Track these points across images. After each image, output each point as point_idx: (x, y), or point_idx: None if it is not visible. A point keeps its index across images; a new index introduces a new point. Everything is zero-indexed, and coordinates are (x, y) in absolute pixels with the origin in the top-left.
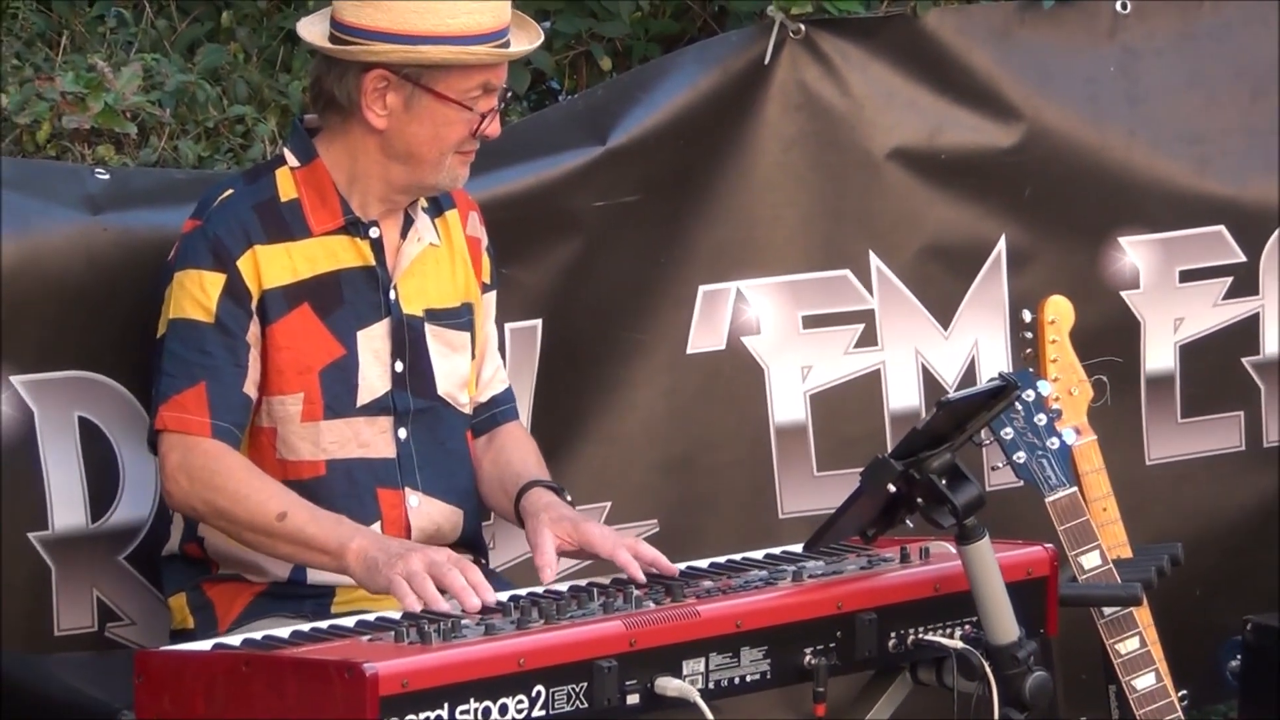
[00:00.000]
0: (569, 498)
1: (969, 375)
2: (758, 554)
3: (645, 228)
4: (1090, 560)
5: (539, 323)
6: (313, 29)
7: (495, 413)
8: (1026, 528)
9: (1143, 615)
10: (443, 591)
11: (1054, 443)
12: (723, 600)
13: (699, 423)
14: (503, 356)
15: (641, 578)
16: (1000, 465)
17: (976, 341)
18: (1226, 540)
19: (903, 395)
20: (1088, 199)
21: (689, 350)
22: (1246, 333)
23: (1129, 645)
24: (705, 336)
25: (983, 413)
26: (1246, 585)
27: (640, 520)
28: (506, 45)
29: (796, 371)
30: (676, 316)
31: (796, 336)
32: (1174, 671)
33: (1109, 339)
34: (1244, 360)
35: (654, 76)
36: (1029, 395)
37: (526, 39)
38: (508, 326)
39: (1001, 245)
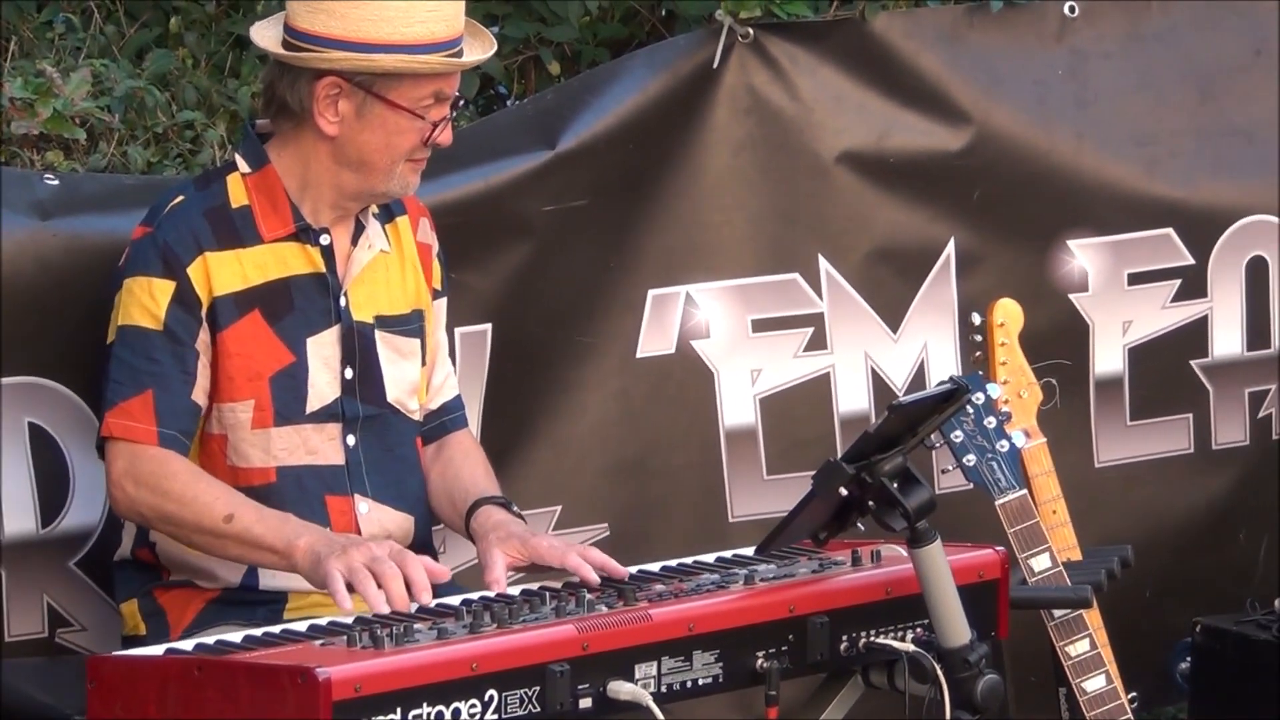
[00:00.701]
0: (516, 509)
1: (918, 378)
2: (709, 557)
3: (594, 232)
4: (1040, 563)
5: (489, 327)
6: (266, 34)
7: (445, 420)
8: (977, 530)
9: (1093, 618)
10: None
11: (1004, 445)
12: (675, 604)
13: (649, 426)
14: (453, 361)
15: (595, 580)
16: (950, 468)
17: (926, 344)
18: (1176, 542)
19: (852, 398)
20: (1036, 202)
21: (639, 354)
22: (1195, 335)
23: (1079, 647)
24: (655, 340)
25: (933, 416)
26: (1196, 587)
27: (591, 524)
28: (460, 55)
29: (746, 375)
30: (626, 320)
31: (746, 340)
32: (1124, 673)
33: (1058, 342)
34: (1192, 363)
35: (603, 81)
36: (978, 398)
37: (480, 48)
38: (457, 331)
39: (950, 248)
